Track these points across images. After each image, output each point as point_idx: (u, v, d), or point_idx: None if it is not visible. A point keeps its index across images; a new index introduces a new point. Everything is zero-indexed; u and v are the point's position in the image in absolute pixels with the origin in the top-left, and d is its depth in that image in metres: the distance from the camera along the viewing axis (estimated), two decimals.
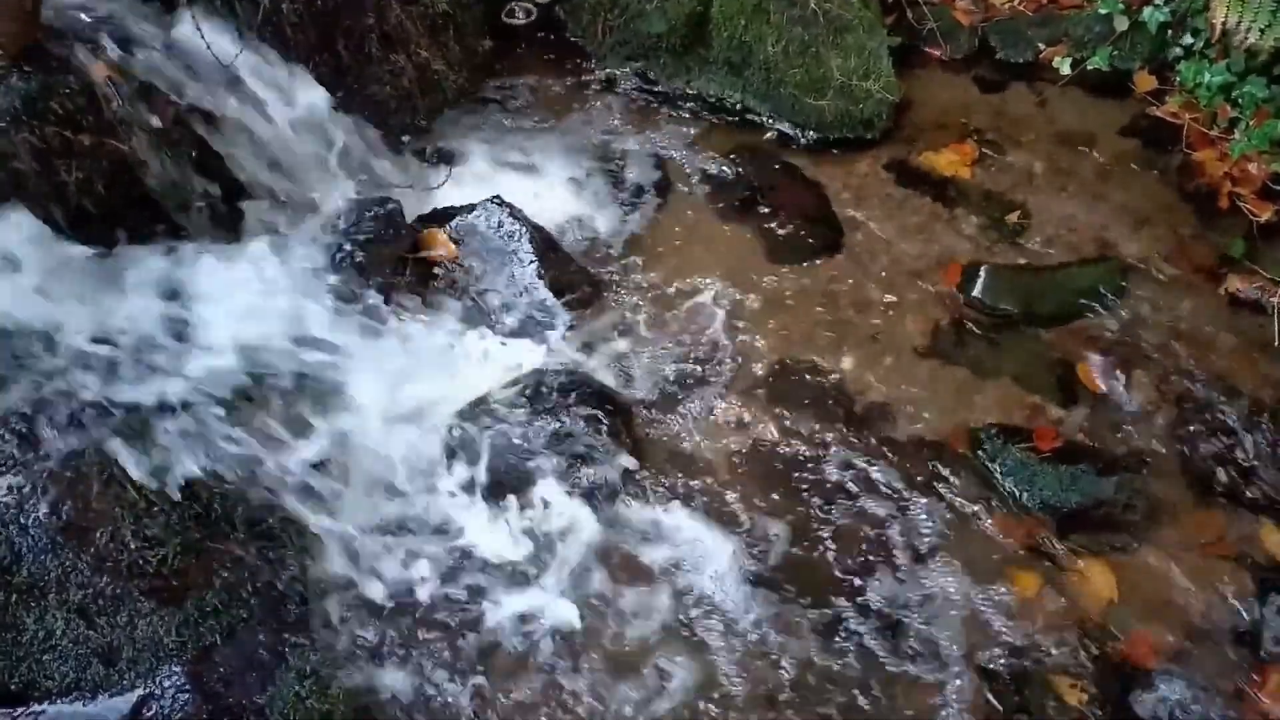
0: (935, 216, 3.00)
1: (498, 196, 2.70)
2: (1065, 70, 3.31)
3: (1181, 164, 3.08)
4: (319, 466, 2.29)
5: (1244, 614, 2.27)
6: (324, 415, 2.34)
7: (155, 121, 2.35)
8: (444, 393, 2.49)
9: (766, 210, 2.99)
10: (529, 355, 2.59)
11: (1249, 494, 2.44)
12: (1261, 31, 3.00)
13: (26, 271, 2.12)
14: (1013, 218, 2.99)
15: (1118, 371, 2.64)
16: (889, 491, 2.44)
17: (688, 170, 3.08)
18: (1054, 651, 2.22)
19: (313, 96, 2.70)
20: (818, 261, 2.88)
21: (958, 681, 2.18)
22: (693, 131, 3.18)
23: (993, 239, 2.94)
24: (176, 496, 2.09)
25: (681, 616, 2.26)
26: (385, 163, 2.90)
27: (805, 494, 2.44)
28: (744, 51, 3.10)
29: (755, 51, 3.09)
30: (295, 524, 2.22)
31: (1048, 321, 2.75)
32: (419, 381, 2.50)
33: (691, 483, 2.45)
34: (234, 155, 2.54)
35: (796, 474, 2.47)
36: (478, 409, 2.45)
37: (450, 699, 2.14)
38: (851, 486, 2.44)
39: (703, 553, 2.34)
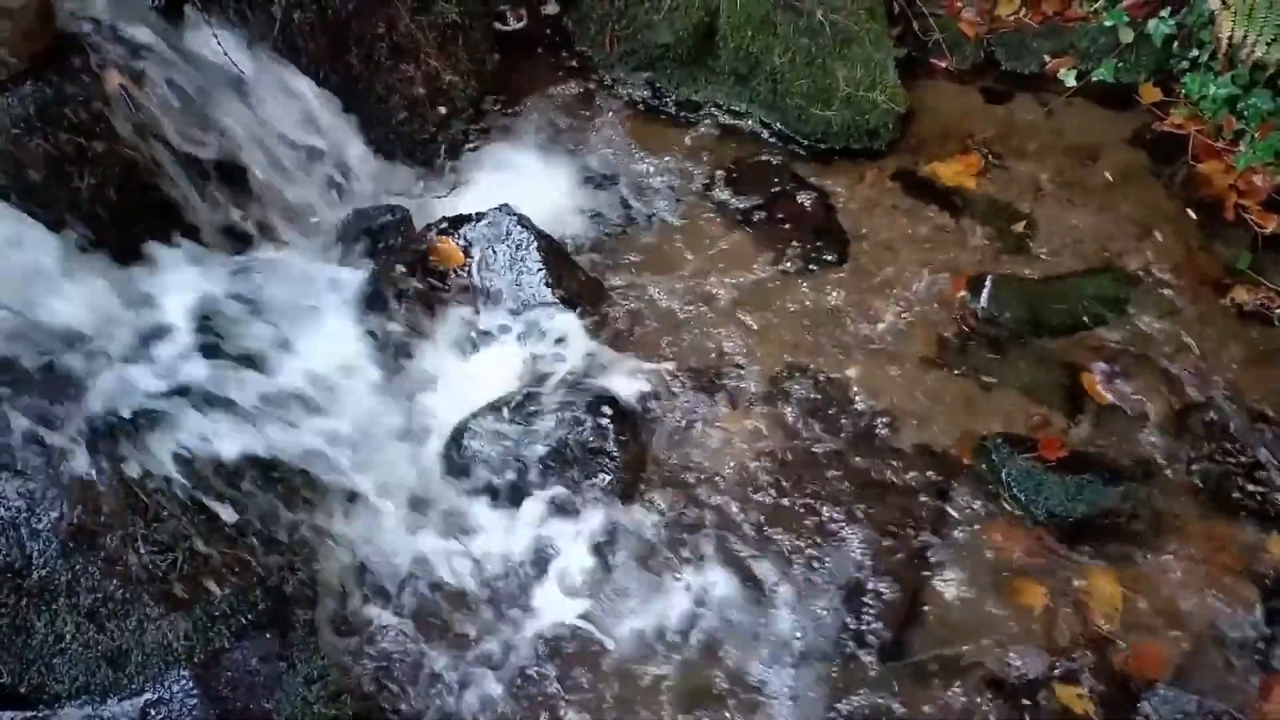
0: (941, 227, 3.01)
1: (506, 205, 2.71)
2: (1071, 82, 3.32)
3: (1187, 176, 3.08)
4: (326, 470, 2.30)
5: (1250, 625, 2.27)
6: (332, 421, 2.35)
7: (165, 129, 2.37)
8: (452, 399, 2.51)
9: (773, 220, 3.00)
10: (537, 362, 2.60)
11: (1255, 504, 2.44)
12: (1268, 45, 3.00)
13: (41, 277, 2.14)
14: (1018, 228, 2.99)
15: (1123, 382, 2.64)
16: (894, 502, 2.44)
17: (695, 179, 3.09)
18: (1060, 662, 2.22)
19: (323, 105, 2.72)
20: (824, 271, 2.89)
21: (964, 692, 2.18)
22: (700, 141, 3.19)
23: (998, 249, 2.95)
24: (186, 501, 2.10)
25: (685, 622, 2.27)
26: (394, 171, 2.92)
27: (811, 504, 2.44)
28: (751, 62, 3.12)
29: (762, 62, 3.11)
30: (304, 529, 2.23)
31: (1054, 332, 2.76)
32: (427, 388, 2.52)
33: (697, 491, 2.46)
34: (245, 163, 2.56)
35: (802, 484, 2.47)
36: (486, 415, 2.45)
37: (458, 704, 2.14)
38: (857, 497, 2.45)
39: (706, 559, 2.35)
